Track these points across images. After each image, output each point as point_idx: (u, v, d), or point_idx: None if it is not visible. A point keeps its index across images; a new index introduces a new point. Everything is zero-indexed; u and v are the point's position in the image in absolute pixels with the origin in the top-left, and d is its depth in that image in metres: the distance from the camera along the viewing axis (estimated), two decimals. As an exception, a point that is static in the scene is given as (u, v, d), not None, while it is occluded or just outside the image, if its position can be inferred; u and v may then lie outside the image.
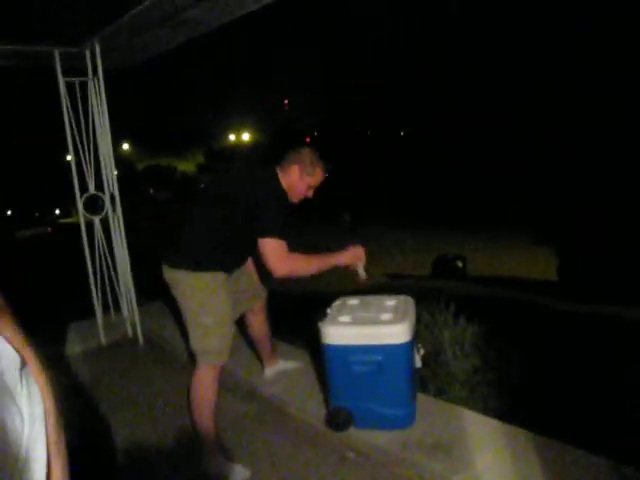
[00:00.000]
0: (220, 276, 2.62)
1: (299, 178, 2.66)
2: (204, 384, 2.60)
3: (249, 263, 3.05)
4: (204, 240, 2.59)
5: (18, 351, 0.93)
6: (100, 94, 4.26)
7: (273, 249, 2.46)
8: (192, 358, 2.67)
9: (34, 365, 0.98)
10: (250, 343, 3.45)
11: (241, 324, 3.18)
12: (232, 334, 2.67)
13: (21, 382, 0.92)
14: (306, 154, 2.69)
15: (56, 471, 0.98)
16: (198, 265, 2.56)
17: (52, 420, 0.98)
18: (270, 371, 3.42)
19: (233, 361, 2.83)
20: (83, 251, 4.38)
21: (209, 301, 2.58)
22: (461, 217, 19.67)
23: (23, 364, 0.94)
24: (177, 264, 2.59)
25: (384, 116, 43.46)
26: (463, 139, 32.09)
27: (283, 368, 3.44)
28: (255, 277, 3.11)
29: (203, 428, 2.60)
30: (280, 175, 2.66)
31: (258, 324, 3.23)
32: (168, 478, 2.61)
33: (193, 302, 2.59)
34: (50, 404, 0.98)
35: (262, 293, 3.17)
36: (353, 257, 2.71)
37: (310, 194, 2.75)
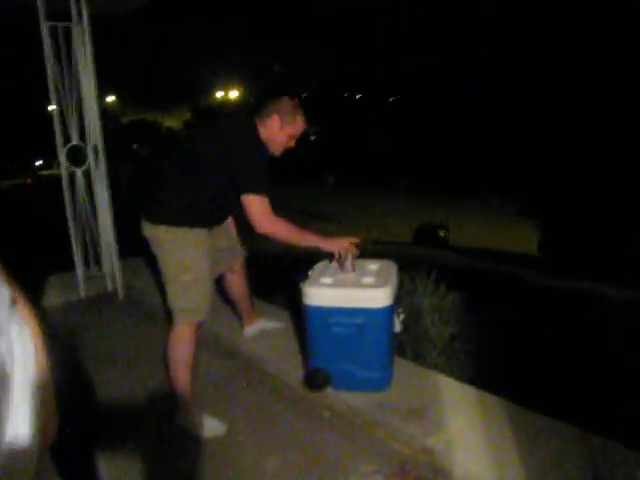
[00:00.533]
0: (201, 232, 2.59)
1: (279, 128, 2.61)
2: (181, 341, 2.60)
3: (229, 221, 3.02)
4: (184, 195, 2.54)
5: (8, 286, 0.89)
6: (85, 41, 4.14)
7: (256, 205, 2.46)
8: (170, 314, 2.66)
9: (22, 303, 0.94)
10: (230, 302, 3.45)
11: (220, 283, 3.17)
12: (211, 292, 2.66)
13: (12, 319, 0.88)
14: (286, 102, 2.64)
15: (48, 418, 0.96)
16: (178, 220, 2.53)
17: (42, 360, 0.95)
18: (250, 330, 3.42)
19: (213, 319, 2.83)
20: (64, 203, 4.32)
21: (189, 258, 2.56)
22: (448, 185, 19.67)
23: (13, 300, 0.89)
24: (157, 220, 2.56)
25: (374, 82, 43.02)
26: (458, 107, 31.88)
27: (263, 327, 3.44)
28: (235, 236, 3.09)
29: (180, 384, 2.61)
30: (259, 127, 2.61)
31: (237, 283, 3.22)
32: (145, 433, 2.62)
33: (172, 258, 2.57)
34: (39, 343, 0.95)
35: (241, 252, 3.16)
36: (340, 247, 2.69)
37: (292, 144, 2.71)
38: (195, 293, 2.57)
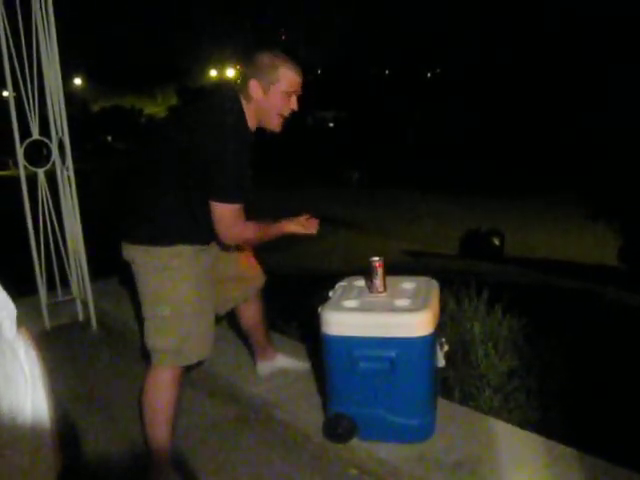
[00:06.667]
0: (185, 252, 2.55)
1: (263, 94, 2.52)
2: (157, 388, 2.61)
3: None
4: (158, 204, 2.53)
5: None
6: (47, 10, 4.19)
7: (228, 218, 2.46)
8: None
9: (23, 326, 1.02)
10: (238, 332, 3.46)
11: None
12: (205, 329, 2.64)
13: (19, 338, 0.96)
14: (260, 58, 2.54)
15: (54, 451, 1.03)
16: (156, 238, 2.51)
17: (47, 386, 1.03)
18: (264, 367, 3.39)
19: (212, 352, 2.85)
20: (23, 212, 4.36)
21: (165, 285, 2.54)
22: (498, 183, 19.57)
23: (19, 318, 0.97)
24: (133, 238, 2.57)
25: (407, 53, 42.99)
26: (510, 84, 31.73)
27: (281, 365, 3.41)
28: (251, 258, 3.10)
29: (154, 439, 2.62)
30: (244, 102, 2.55)
31: (251, 312, 3.22)
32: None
33: (147, 287, 2.59)
34: (42, 369, 1.03)
35: (259, 278, 3.17)
36: (301, 227, 2.72)
37: (293, 107, 2.59)
38: (174, 330, 2.55)
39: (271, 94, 2.53)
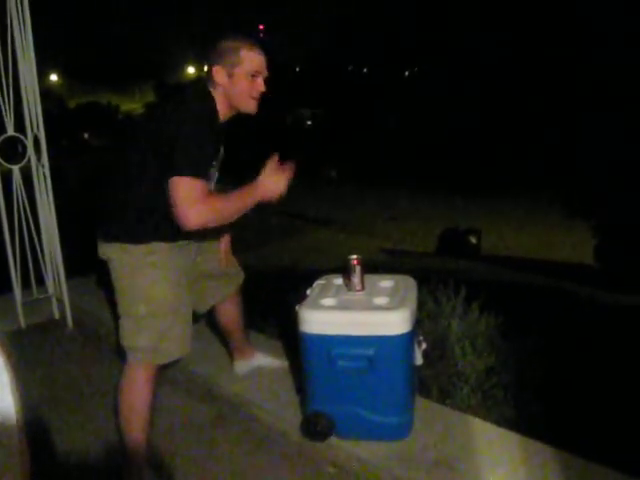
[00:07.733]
0: (161, 249, 2.52)
1: (229, 78, 2.48)
2: (133, 387, 2.59)
3: (222, 237, 3.02)
4: (133, 200, 2.49)
5: None
6: (23, 5, 4.15)
7: (183, 191, 2.25)
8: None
9: None
10: (215, 330, 3.45)
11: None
12: (182, 327, 2.61)
13: None
14: (220, 44, 2.51)
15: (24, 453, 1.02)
16: (134, 235, 2.48)
17: (15, 392, 1.01)
18: (242, 366, 3.39)
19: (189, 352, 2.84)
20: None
21: (141, 283, 2.52)
22: (477, 181, 19.64)
23: None
24: (109, 236, 2.54)
25: (385, 51, 43.04)
26: (487, 82, 31.89)
27: (259, 364, 3.41)
28: (229, 256, 3.09)
29: (131, 439, 2.59)
30: (213, 91, 2.51)
31: (228, 311, 3.21)
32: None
33: (121, 285, 2.56)
34: (11, 374, 1.02)
35: (238, 276, 3.17)
36: (272, 190, 2.53)
37: (260, 88, 2.54)
38: (150, 329, 2.53)
39: (235, 77, 2.49)
